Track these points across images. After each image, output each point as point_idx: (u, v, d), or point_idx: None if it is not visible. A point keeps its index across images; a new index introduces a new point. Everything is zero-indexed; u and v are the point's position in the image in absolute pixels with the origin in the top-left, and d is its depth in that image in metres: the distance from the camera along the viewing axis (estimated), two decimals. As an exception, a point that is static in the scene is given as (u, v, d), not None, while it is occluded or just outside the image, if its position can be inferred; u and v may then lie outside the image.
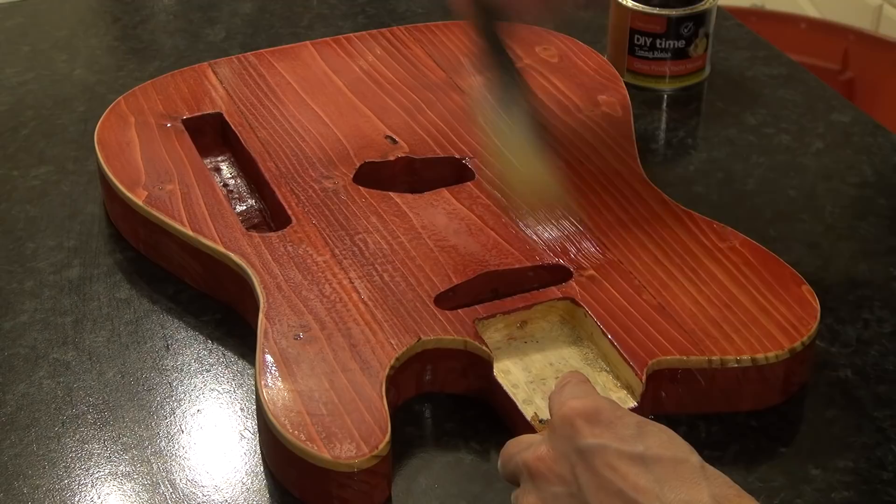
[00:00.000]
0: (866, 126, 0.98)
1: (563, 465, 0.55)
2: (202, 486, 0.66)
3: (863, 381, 0.73)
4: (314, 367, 0.67)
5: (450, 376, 0.71)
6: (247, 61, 0.97)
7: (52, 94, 1.03)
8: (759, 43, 1.10)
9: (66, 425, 0.70)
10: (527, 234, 0.77)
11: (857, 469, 0.67)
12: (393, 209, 0.80)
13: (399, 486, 0.66)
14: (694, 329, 0.70)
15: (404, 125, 0.89)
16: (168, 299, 0.79)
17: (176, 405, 0.71)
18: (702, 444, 0.66)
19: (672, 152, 0.95)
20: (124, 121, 0.89)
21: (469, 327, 0.70)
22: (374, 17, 1.15)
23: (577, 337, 0.73)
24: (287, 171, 0.84)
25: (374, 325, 0.70)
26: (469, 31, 0.80)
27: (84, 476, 0.67)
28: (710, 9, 1.00)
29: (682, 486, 0.52)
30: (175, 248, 0.79)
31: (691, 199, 0.87)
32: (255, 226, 0.83)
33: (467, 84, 0.94)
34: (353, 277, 0.74)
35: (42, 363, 0.74)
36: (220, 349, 0.75)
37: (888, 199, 0.89)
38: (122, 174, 0.83)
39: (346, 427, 0.63)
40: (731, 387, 0.69)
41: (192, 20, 1.15)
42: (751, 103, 1.00)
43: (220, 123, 0.90)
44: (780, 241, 0.83)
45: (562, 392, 0.58)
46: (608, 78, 0.95)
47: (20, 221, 0.87)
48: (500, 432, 0.66)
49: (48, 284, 0.81)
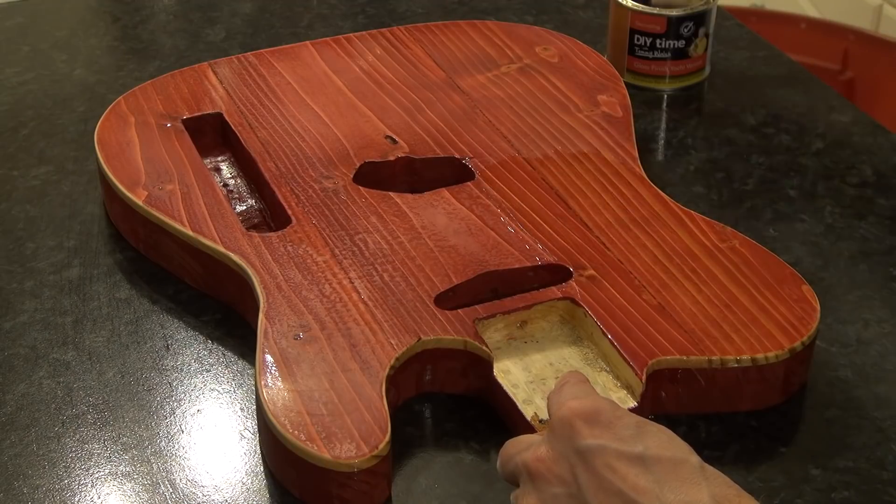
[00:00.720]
0: (866, 126, 0.98)
1: (563, 466, 0.55)
2: (202, 486, 0.66)
3: (863, 381, 0.73)
4: (314, 367, 0.67)
5: (450, 376, 0.71)
6: (247, 61, 0.97)
7: (52, 94, 1.03)
8: (759, 43, 1.10)
9: (66, 425, 0.70)
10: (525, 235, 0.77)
11: (857, 469, 0.67)
12: (393, 209, 0.80)
13: (399, 486, 0.66)
14: (694, 329, 0.70)
15: (404, 125, 0.89)
16: (168, 299, 0.79)
17: (176, 405, 0.71)
18: (702, 444, 0.66)
19: (672, 152, 0.95)
20: (124, 121, 0.89)
21: (469, 327, 0.70)
22: (374, 17, 1.15)
23: (577, 337, 0.73)
24: (287, 171, 0.84)
25: (374, 325, 0.70)
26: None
27: (84, 476, 0.67)
28: (710, 9, 1.00)
29: (681, 487, 0.52)
30: (175, 248, 0.79)
31: (691, 199, 0.87)
32: (255, 226, 0.83)
33: (467, 84, 0.94)
34: (353, 277, 0.74)
35: (42, 363, 0.74)
36: (220, 349, 0.75)
37: (888, 199, 0.89)
38: (122, 174, 0.83)
39: (346, 427, 0.63)
40: (731, 387, 0.69)
41: (192, 20, 1.15)
42: (751, 103, 1.00)
43: (220, 123, 0.90)
44: (780, 241, 0.84)
45: (561, 392, 0.58)
46: (608, 78, 0.95)
47: (20, 221, 0.87)
48: (500, 432, 0.66)
49: (48, 284, 0.81)
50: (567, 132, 0.88)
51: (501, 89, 0.94)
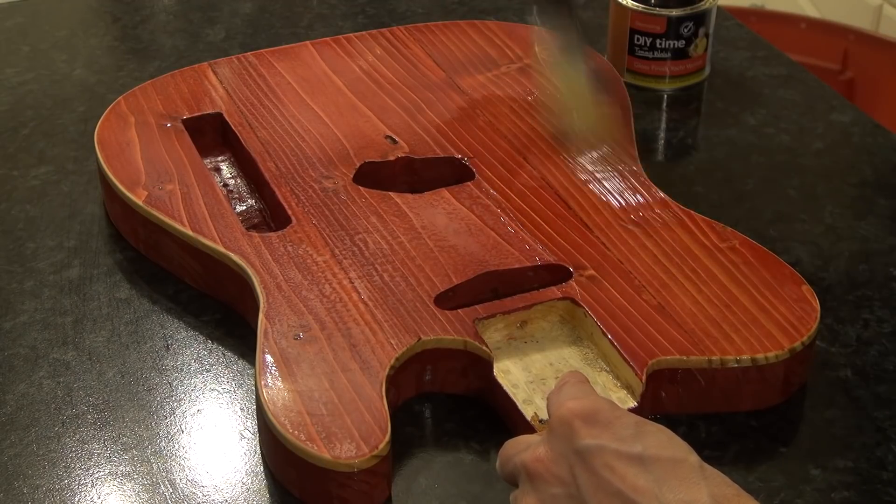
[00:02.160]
0: (866, 126, 0.98)
1: (562, 467, 0.55)
2: (202, 486, 0.66)
3: (863, 381, 0.73)
4: (314, 367, 0.67)
5: (450, 376, 0.71)
6: (247, 61, 0.97)
7: (52, 94, 1.03)
8: (759, 43, 1.10)
9: (66, 425, 0.70)
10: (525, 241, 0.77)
11: (857, 469, 0.67)
12: (393, 209, 0.80)
13: (399, 486, 0.66)
14: (694, 329, 0.70)
15: (404, 125, 0.89)
16: (168, 299, 0.79)
17: (176, 405, 0.71)
18: (702, 444, 0.66)
19: (672, 152, 0.96)
20: (124, 121, 0.89)
21: (469, 327, 0.70)
22: (374, 17, 1.15)
23: (577, 337, 0.73)
24: (287, 171, 0.84)
25: (374, 325, 0.70)
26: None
27: (84, 476, 0.67)
28: (710, 9, 1.00)
29: (680, 486, 0.52)
30: (175, 248, 0.79)
31: (691, 199, 0.87)
32: (255, 226, 0.83)
33: (467, 84, 0.94)
34: (353, 277, 0.74)
35: (42, 363, 0.74)
36: (220, 349, 0.75)
37: (888, 199, 0.89)
38: (122, 174, 0.83)
39: (346, 427, 0.63)
40: (731, 387, 0.69)
41: (192, 20, 1.15)
42: (751, 103, 1.00)
43: (220, 123, 0.90)
44: (780, 241, 0.83)
45: (559, 393, 0.58)
46: (608, 78, 0.95)
47: (20, 221, 0.87)
48: (500, 432, 0.66)
49: (48, 284, 0.81)
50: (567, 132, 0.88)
51: (501, 89, 0.94)
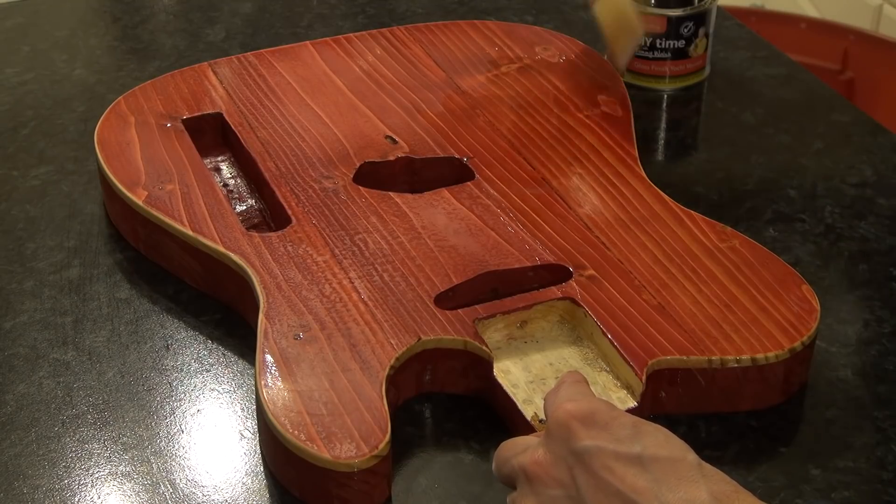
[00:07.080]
0: (866, 126, 0.98)
1: (561, 469, 0.55)
2: (202, 486, 0.66)
3: (863, 381, 0.73)
4: (314, 367, 0.67)
5: (450, 376, 0.71)
6: (247, 61, 0.97)
7: (52, 94, 1.03)
8: (759, 43, 1.10)
9: (66, 425, 0.70)
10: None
11: (857, 469, 0.67)
12: (393, 209, 0.80)
13: (399, 486, 0.66)
14: (694, 329, 0.70)
15: (404, 125, 0.89)
16: (168, 299, 0.79)
17: (176, 405, 0.71)
18: (702, 444, 0.66)
19: (672, 152, 0.96)
20: (124, 121, 0.89)
21: (469, 327, 0.70)
22: (374, 17, 1.15)
23: (577, 337, 0.73)
24: (287, 171, 0.84)
25: (374, 325, 0.70)
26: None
27: (84, 476, 0.67)
28: (710, 9, 1.00)
29: (680, 485, 0.52)
30: (175, 248, 0.79)
31: (691, 199, 0.87)
32: (255, 226, 0.83)
33: (467, 84, 0.94)
34: (353, 277, 0.74)
35: (42, 363, 0.74)
36: (220, 349, 0.75)
37: (888, 199, 0.89)
38: (122, 174, 0.83)
39: (346, 427, 0.63)
40: (731, 387, 0.69)
41: (192, 20, 1.15)
42: (751, 103, 1.00)
43: (220, 123, 0.90)
44: (780, 241, 0.83)
45: (557, 394, 0.58)
46: (608, 78, 0.95)
47: (20, 221, 0.87)
48: (500, 432, 0.66)
49: (48, 284, 0.81)
50: (567, 132, 0.88)
51: (501, 89, 0.94)
